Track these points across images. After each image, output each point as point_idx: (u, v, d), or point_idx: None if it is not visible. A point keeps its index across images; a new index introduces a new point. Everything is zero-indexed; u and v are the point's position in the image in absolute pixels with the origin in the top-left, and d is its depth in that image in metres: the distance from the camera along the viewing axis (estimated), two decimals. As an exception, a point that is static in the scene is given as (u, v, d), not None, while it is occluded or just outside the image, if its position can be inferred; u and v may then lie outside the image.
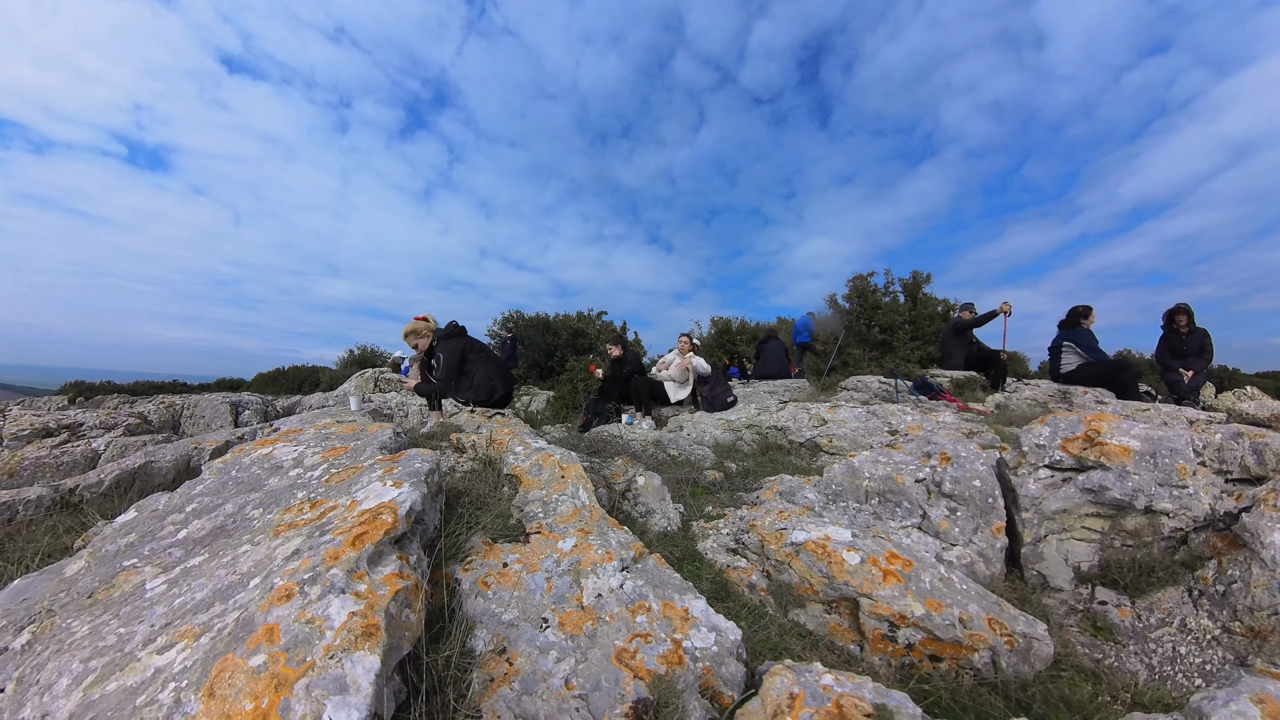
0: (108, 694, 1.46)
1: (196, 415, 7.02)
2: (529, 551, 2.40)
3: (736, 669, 1.94)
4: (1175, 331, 6.07)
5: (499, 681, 1.77)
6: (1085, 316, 6.26)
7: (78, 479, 3.68)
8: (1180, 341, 5.99)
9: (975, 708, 1.91)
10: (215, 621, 1.62)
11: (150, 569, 2.13)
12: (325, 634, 1.48)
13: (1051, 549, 2.85)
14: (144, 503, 2.73)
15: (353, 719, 1.29)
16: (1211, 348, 5.93)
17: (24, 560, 2.63)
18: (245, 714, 1.27)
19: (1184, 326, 5.97)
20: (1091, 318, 6.25)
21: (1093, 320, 6.26)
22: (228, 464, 2.96)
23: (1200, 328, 5.96)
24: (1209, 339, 5.93)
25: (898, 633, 2.22)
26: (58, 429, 6.36)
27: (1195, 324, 5.96)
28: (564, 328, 12.46)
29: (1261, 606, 2.26)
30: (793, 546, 2.64)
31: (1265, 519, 2.43)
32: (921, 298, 10.13)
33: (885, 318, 9.73)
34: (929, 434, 3.86)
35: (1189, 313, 5.98)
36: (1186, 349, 5.90)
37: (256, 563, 1.94)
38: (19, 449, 5.92)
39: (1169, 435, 2.96)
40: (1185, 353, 5.89)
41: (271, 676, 1.35)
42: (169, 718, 1.29)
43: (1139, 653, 2.38)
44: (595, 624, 2.02)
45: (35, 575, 2.30)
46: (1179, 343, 6.00)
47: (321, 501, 2.32)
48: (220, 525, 2.37)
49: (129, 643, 1.68)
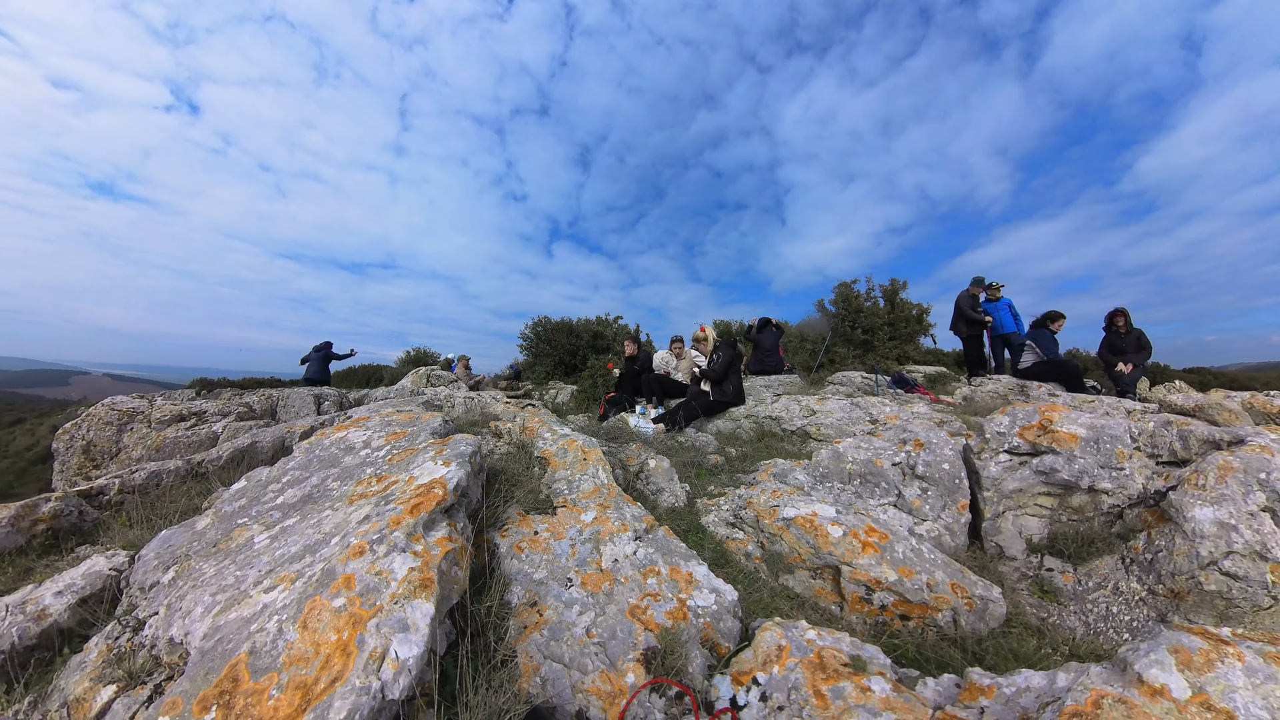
0: (229, 620, 1.57)
1: (288, 405, 7.31)
2: (556, 522, 2.44)
3: (733, 624, 1.96)
4: (1115, 331, 6.04)
5: (531, 629, 1.82)
6: (1054, 321, 6.20)
7: (203, 454, 3.89)
8: (1119, 340, 5.96)
9: (937, 659, 1.91)
10: (306, 570, 1.71)
11: (257, 526, 2.23)
12: (390, 584, 1.55)
13: (1008, 523, 2.84)
14: (251, 474, 2.86)
15: (414, 652, 1.36)
16: (1149, 345, 5.85)
17: (168, 516, 2.77)
18: (330, 644, 1.35)
19: (1122, 327, 5.95)
20: (1059, 324, 6.18)
21: (1060, 326, 6.18)
22: (313, 445, 3.06)
23: (1137, 328, 5.91)
24: (1145, 337, 5.87)
25: (873, 595, 2.23)
26: (188, 415, 6.73)
27: (1132, 325, 5.92)
28: (585, 330, 12.51)
29: (1182, 572, 2.25)
30: (784, 521, 2.63)
31: (1188, 496, 2.41)
32: (899, 302, 9.98)
33: (867, 320, 9.63)
34: (905, 423, 3.82)
35: (1126, 315, 5.96)
36: (1125, 346, 5.85)
37: (336, 525, 2.01)
38: (162, 430, 6.30)
39: (1110, 424, 2.93)
40: (1124, 350, 5.85)
41: (350, 615, 1.43)
42: (274, 642, 1.39)
43: (1078, 612, 2.37)
44: (612, 584, 2.05)
45: (176, 528, 2.44)
46: (1119, 341, 5.96)
47: (386, 477, 2.38)
48: (308, 494, 2.45)
49: (243, 583, 1.78)
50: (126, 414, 7.07)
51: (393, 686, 1.28)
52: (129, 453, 6.74)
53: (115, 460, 6.75)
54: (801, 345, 10.03)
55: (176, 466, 3.53)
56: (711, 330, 5.70)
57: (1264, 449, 2.49)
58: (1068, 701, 1.13)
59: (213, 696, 1.27)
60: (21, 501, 2.75)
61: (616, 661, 1.71)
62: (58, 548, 2.70)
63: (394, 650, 1.35)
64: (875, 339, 9.49)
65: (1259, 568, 2.13)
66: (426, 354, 15.23)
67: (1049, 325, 6.20)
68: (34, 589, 2.10)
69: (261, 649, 1.35)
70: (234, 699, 1.25)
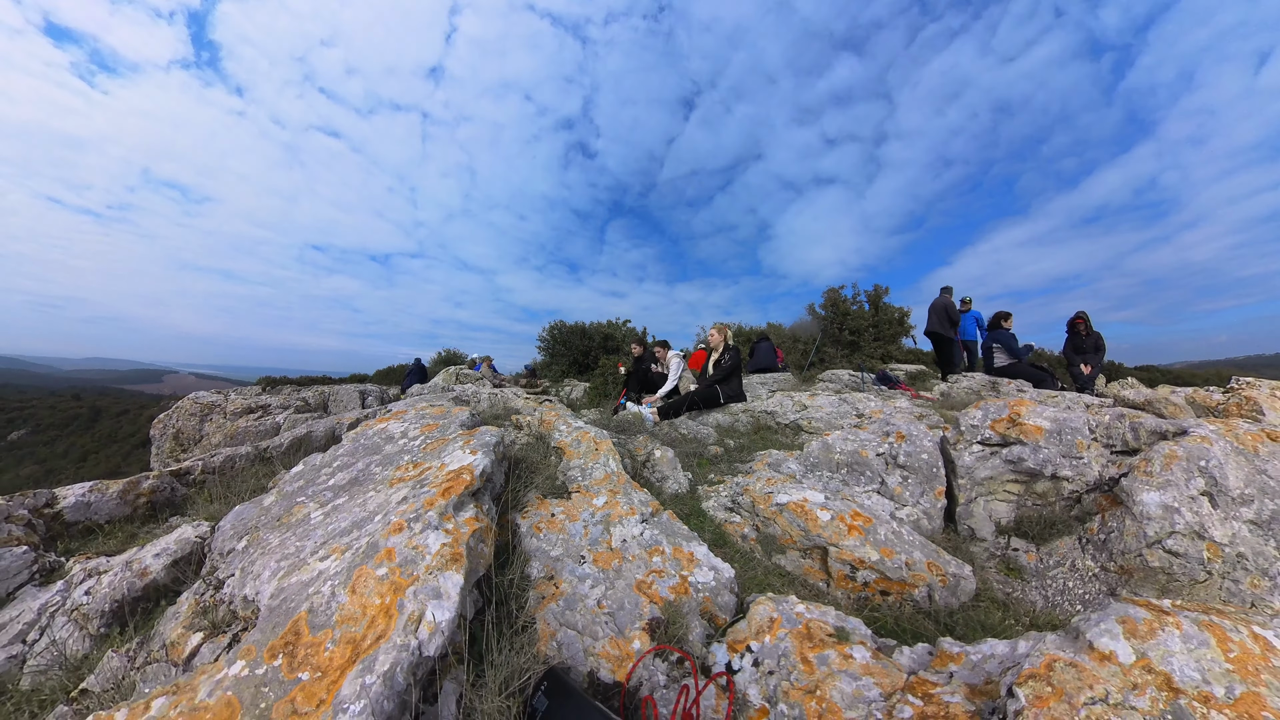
0: (291, 583, 1.63)
1: (338, 399, 7.64)
2: (571, 505, 2.45)
3: (729, 599, 1.96)
4: (1077, 333, 6.09)
5: (548, 599, 1.85)
6: (1006, 320, 6.21)
7: (268, 441, 4.04)
8: (1080, 341, 6.01)
9: (913, 630, 1.92)
10: (354, 543, 1.76)
11: (313, 504, 2.29)
12: (425, 557, 1.60)
13: (980, 508, 2.83)
14: (307, 459, 2.92)
15: (446, 616, 1.41)
16: (1105, 346, 5.92)
17: (241, 493, 2.93)
18: (375, 606, 1.41)
19: (1083, 330, 5.99)
20: (1009, 322, 6.20)
21: (1010, 323, 6.21)
22: (358, 434, 3.10)
23: (1096, 330, 5.95)
24: (1102, 339, 5.92)
25: (857, 573, 2.23)
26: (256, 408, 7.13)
27: (1092, 327, 5.96)
28: (597, 333, 12.56)
29: (1130, 550, 2.26)
30: (777, 506, 2.63)
31: (1138, 482, 2.41)
32: (882, 306, 9.94)
33: (853, 322, 9.58)
34: (888, 417, 3.80)
35: (1086, 318, 5.99)
36: (1085, 347, 5.92)
37: (379, 504, 2.05)
38: (235, 421, 6.72)
39: (1071, 417, 2.92)
40: (1084, 350, 5.91)
41: (391, 583, 1.48)
42: (328, 603, 1.45)
43: (1039, 587, 2.38)
44: (621, 561, 2.06)
45: (247, 504, 2.55)
46: (1080, 342, 6.02)
47: (420, 463, 2.41)
48: (354, 477, 2.50)
49: (302, 552, 1.85)
50: (207, 407, 7.48)
51: (428, 645, 1.33)
52: (209, 439, 7.14)
53: (198, 445, 7.17)
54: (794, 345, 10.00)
55: (247, 451, 3.68)
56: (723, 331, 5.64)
57: (1204, 439, 2.48)
58: (1025, 665, 1.15)
59: (279, 646, 1.33)
60: (127, 478, 2.95)
61: (624, 630, 1.73)
62: (155, 517, 2.88)
63: (429, 614, 1.39)
64: (861, 340, 9.46)
65: (1197, 546, 2.15)
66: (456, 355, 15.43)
67: (1003, 324, 6.24)
68: (138, 551, 2.27)
69: (318, 609, 1.41)
70: (296, 649, 1.31)
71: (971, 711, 1.19)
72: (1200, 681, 1.00)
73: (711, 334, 5.55)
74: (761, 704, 1.44)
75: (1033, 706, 1.03)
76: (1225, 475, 2.31)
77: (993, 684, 1.24)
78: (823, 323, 9.95)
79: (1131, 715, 0.96)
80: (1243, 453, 2.43)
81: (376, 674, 1.21)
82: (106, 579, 2.10)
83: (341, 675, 1.21)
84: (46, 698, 1.69)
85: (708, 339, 5.83)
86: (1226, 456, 2.37)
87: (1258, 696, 0.97)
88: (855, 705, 1.34)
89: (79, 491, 2.74)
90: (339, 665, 1.24)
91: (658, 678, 1.56)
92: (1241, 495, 2.27)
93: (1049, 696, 1.05)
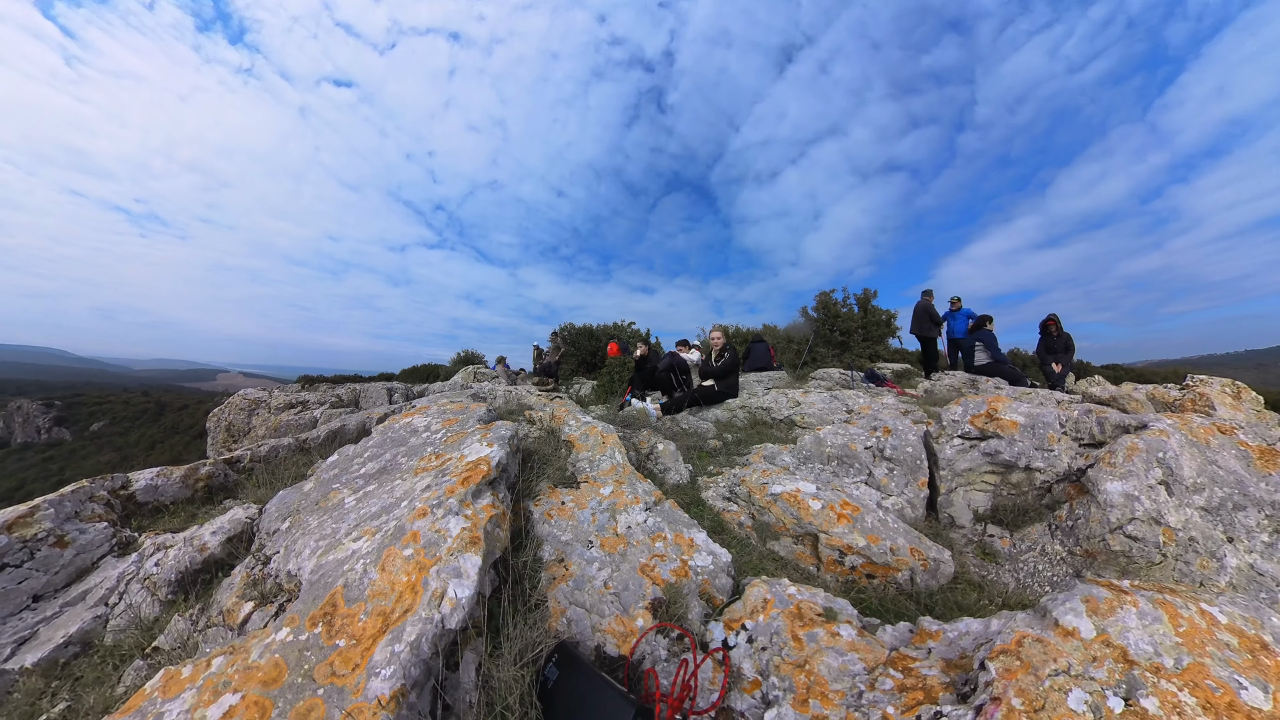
0: (328, 561, 1.68)
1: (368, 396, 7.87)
2: (580, 494, 2.47)
3: (726, 581, 1.98)
4: (1049, 334, 6.16)
5: (559, 580, 1.87)
6: (990, 322, 6.28)
7: (307, 434, 4.14)
8: (1052, 341, 6.08)
9: (896, 610, 1.94)
10: (383, 526, 1.79)
11: (346, 491, 2.32)
12: (447, 540, 1.63)
13: (959, 497, 2.84)
14: (341, 450, 2.97)
15: (466, 592, 1.44)
16: (1074, 346, 6.01)
17: (284, 480, 3.06)
18: (402, 583, 1.45)
19: (1054, 331, 6.06)
20: (991, 324, 6.26)
21: (992, 325, 6.27)
22: (386, 428, 3.13)
23: (1066, 332, 6.03)
24: (1072, 340, 5.99)
25: (845, 558, 2.25)
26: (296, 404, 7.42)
27: (1062, 329, 6.05)
28: (604, 334, 12.66)
29: (1095, 535, 2.28)
30: (772, 496, 2.64)
31: (1102, 473, 2.43)
32: (870, 308, 9.94)
33: (843, 324, 9.59)
34: (875, 413, 3.79)
35: (1058, 321, 6.07)
36: (1056, 347, 5.99)
37: (405, 491, 2.08)
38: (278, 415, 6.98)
39: (1044, 412, 2.93)
40: (1056, 350, 5.99)
41: (416, 563, 1.52)
42: (361, 579, 1.49)
43: (1012, 570, 2.40)
44: (626, 546, 2.08)
45: (289, 489, 2.64)
46: (1051, 342, 6.09)
47: (442, 454, 2.44)
48: (383, 466, 2.53)
49: (337, 534, 1.89)
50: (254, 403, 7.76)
51: (450, 619, 1.37)
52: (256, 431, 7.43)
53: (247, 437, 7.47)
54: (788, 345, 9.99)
55: (288, 443, 3.80)
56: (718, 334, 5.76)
57: (1162, 433, 2.49)
58: (997, 642, 1.17)
59: (319, 616, 1.38)
60: (187, 465, 3.12)
61: (629, 608, 1.75)
62: (211, 499, 3.01)
63: (451, 591, 1.43)
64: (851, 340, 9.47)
65: (1154, 531, 2.18)
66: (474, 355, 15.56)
67: (987, 325, 6.29)
68: (197, 529, 2.39)
69: (352, 584, 1.46)
70: (334, 619, 1.36)
71: (946, 683, 1.21)
72: (1153, 654, 1.02)
73: (713, 336, 5.67)
74: (754, 676, 1.47)
75: (1002, 678, 1.06)
76: (1180, 466, 2.33)
77: (967, 658, 1.26)
78: (815, 324, 9.97)
79: (1090, 685, 0.99)
80: (1196, 445, 2.46)
81: (404, 643, 1.25)
82: (172, 552, 2.24)
83: (374, 643, 1.25)
84: (126, 653, 1.86)
85: (708, 340, 5.92)
86: (1181, 449, 2.40)
87: (1202, 666, 0.99)
88: (841, 678, 1.37)
89: (148, 476, 2.90)
90: (371, 634, 1.28)
91: (659, 652, 1.59)
92: (1194, 484, 2.29)
93: (1017, 669, 1.07)
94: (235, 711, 1.15)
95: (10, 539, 2.17)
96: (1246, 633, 1.05)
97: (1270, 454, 2.46)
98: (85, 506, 2.50)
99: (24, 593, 2.10)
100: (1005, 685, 1.05)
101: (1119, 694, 0.97)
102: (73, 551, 2.28)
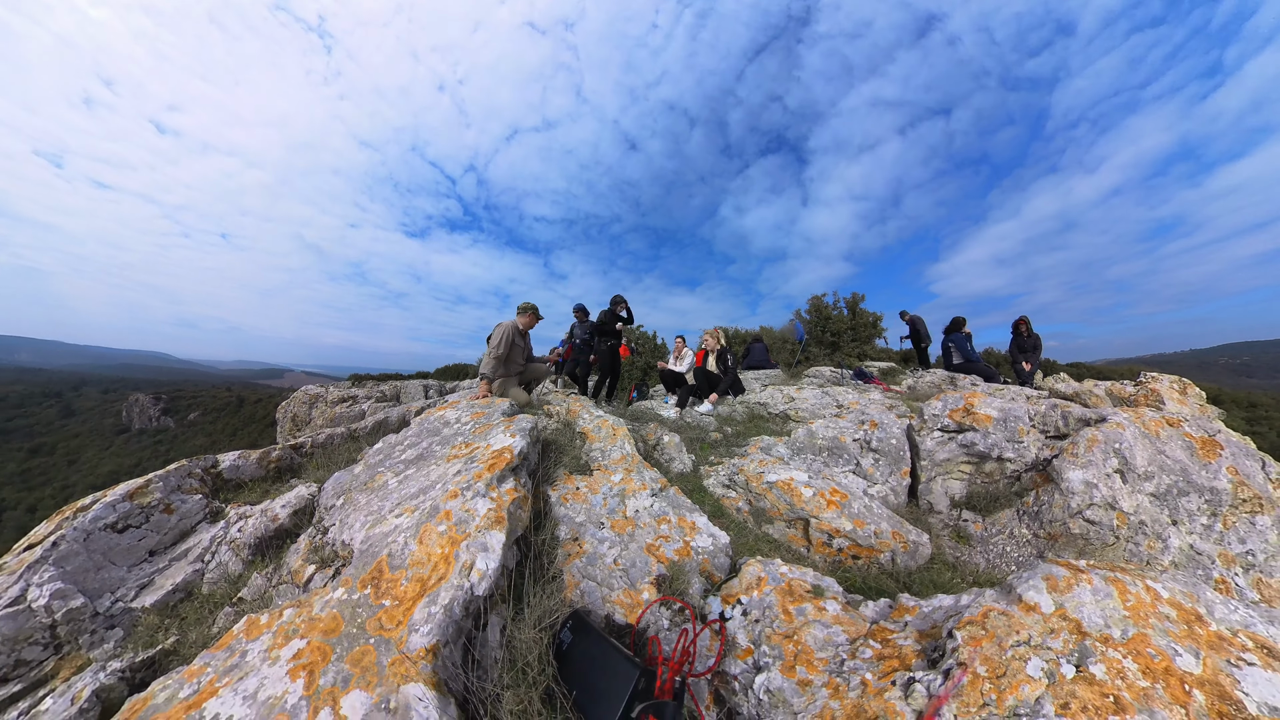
0: (375, 533, 1.76)
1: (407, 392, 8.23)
2: (592, 481, 2.51)
3: (724, 561, 1.99)
4: (1020, 335, 6.11)
5: (573, 556, 1.91)
6: (964, 325, 6.21)
7: (356, 424, 4.39)
8: (1023, 341, 6.03)
9: (877, 587, 1.94)
10: (420, 505, 1.87)
11: (389, 474, 2.41)
12: (475, 518, 1.69)
13: (938, 485, 2.83)
14: (386, 439, 3.11)
15: (492, 564, 1.50)
16: (1041, 346, 5.89)
17: (338, 463, 3.26)
18: (437, 555, 1.51)
19: (1025, 331, 6.02)
20: (966, 328, 6.20)
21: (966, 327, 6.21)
22: (423, 419, 3.23)
23: (1035, 333, 5.99)
24: (1040, 340, 5.91)
25: (833, 541, 2.25)
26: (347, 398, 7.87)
27: (1032, 330, 6.01)
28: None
29: (1058, 519, 2.28)
30: (768, 484, 2.65)
31: (1065, 462, 2.43)
32: (859, 311, 9.87)
33: (834, 325, 9.54)
34: (863, 408, 3.77)
35: (1028, 322, 6.02)
36: (1026, 346, 5.92)
37: (439, 475, 2.15)
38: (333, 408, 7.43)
39: (1015, 407, 2.92)
40: (1026, 349, 5.93)
41: (449, 538, 1.59)
42: (403, 550, 1.56)
43: (983, 551, 2.40)
44: (634, 528, 2.11)
45: (342, 471, 2.77)
46: (1022, 342, 6.04)
47: (471, 444, 2.50)
48: (420, 454, 2.61)
49: (382, 510, 1.97)
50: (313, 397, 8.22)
51: (478, 587, 1.43)
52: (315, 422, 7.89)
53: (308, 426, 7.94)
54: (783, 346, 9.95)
55: (341, 431, 4.02)
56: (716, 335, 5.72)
57: (1118, 425, 2.49)
58: (965, 614, 1.19)
59: (368, 579, 1.46)
60: (262, 449, 3.37)
61: (636, 583, 1.78)
62: (280, 478, 3.22)
63: (478, 563, 1.49)
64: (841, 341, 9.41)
65: (1109, 515, 2.18)
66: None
67: (963, 328, 6.24)
68: (270, 502, 2.60)
69: (395, 553, 1.53)
70: (380, 582, 1.44)
71: (918, 650, 1.23)
72: (1103, 626, 1.03)
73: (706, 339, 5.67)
74: (748, 645, 1.49)
75: (967, 645, 1.08)
76: (1134, 455, 2.33)
77: (937, 629, 1.28)
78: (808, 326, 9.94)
79: (1047, 654, 1.00)
80: (1147, 436, 2.46)
81: (439, 605, 1.32)
82: (250, 521, 2.44)
83: (414, 605, 1.32)
84: (217, 601, 2.09)
85: (703, 342, 5.92)
86: (1135, 440, 2.40)
87: (1145, 636, 1.00)
88: (825, 648, 1.39)
89: (231, 458, 3.14)
90: (411, 597, 1.35)
91: (662, 622, 1.63)
92: (1145, 472, 2.30)
93: (982, 638, 1.09)
94: (302, 654, 1.24)
95: (131, 505, 2.40)
96: (1184, 606, 1.06)
97: (1211, 444, 2.47)
98: (185, 481, 2.72)
99: (143, 549, 2.31)
100: (971, 653, 1.07)
101: (1072, 661, 0.98)
102: (177, 517, 2.50)
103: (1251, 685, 0.92)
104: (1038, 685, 0.96)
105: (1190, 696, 0.90)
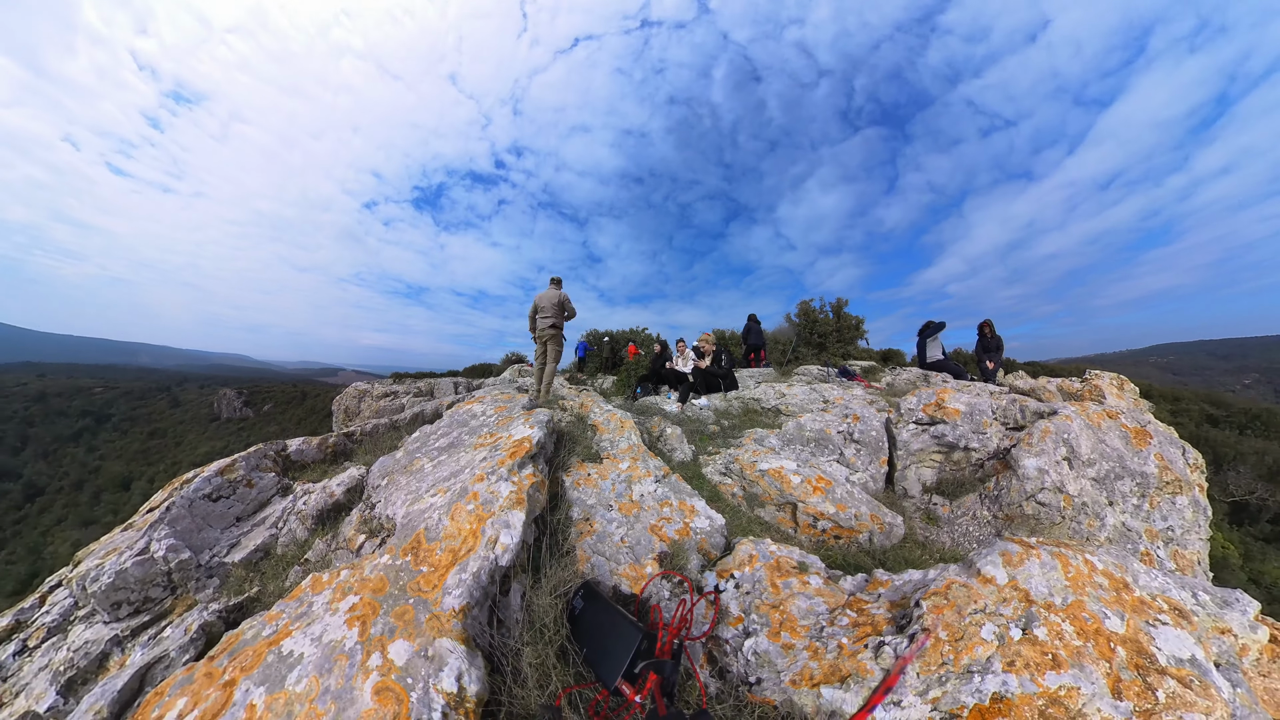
0: (414, 510, 1.83)
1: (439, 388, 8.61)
2: (602, 468, 2.55)
3: (720, 540, 2.02)
4: (985, 336, 6.09)
5: (584, 535, 1.95)
6: (941, 328, 6.16)
7: (397, 416, 4.57)
8: (987, 342, 6.03)
9: (856, 564, 1.96)
10: (451, 486, 1.94)
11: (425, 459, 2.51)
12: (499, 499, 1.75)
13: (911, 473, 2.85)
14: (422, 429, 3.26)
15: (513, 540, 1.56)
16: (1003, 346, 5.94)
17: (382, 449, 3.46)
18: (465, 530, 1.58)
19: (989, 333, 5.98)
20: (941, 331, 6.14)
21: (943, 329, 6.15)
22: (453, 412, 3.36)
23: (998, 334, 5.89)
24: (1002, 341, 5.97)
25: (818, 523, 2.27)
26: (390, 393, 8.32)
27: (995, 332, 5.88)
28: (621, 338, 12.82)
29: (1014, 502, 2.31)
30: (760, 472, 2.66)
31: (1022, 451, 2.47)
32: (843, 315, 9.89)
33: (821, 328, 9.56)
34: (847, 403, 3.76)
35: (991, 325, 5.98)
36: (990, 347, 5.85)
37: (467, 461, 2.23)
38: (377, 401, 7.85)
39: (980, 402, 2.94)
40: (990, 349, 5.86)
41: (477, 516, 1.65)
42: (437, 525, 1.63)
43: (949, 532, 2.42)
44: (639, 510, 2.15)
45: (385, 457, 2.91)
46: (986, 343, 6.03)
47: (495, 434, 2.58)
48: (451, 442, 2.71)
49: (419, 490, 2.06)
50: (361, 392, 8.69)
51: (501, 558, 1.49)
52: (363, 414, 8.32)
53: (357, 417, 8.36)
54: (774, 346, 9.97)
55: (384, 422, 4.20)
56: (710, 340, 5.78)
57: (1067, 417, 2.53)
58: (931, 587, 1.22)
59: (409, 549, 1.54)
60: (320, 436, 3.61)
61: (640, 559, 1.82)
62: (336, 461, 3.44)
63: (502, 538, 1.55)
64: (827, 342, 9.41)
65: (1058, 498, 2.23)
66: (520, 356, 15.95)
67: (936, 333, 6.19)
68: (328, 481, 2.79)
69: (431, 527, 1.60)
70: (419, 552, 1.51)
71: (890, 618, 1.27)
72: (1048, 594, 1.06)
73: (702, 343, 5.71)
74: (739, 614, 1.53)
75: (930, 612, 1.11)
76: (1079, 444, 2.38)
77: (906, 600, 1.31)
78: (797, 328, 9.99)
79: (999, 619, 1.03)
80: (1090, 427, 2.51)
81: (469, 573, 1.39)
82: (313, 497, 2.63)
83: (447, 571, 1.40)
84: (289, 561, 2.28)
85: (699, 345, 5.97)
86: (1081, 430, 2.44)
87: (1081, 602, 1.04)
88: (808, 616, 1.42)
89: (296, 443, 3.40)
90: (445, 565, 1.42)
91: (663, 593, 1.67)
92: (1088, 459, 2.35)
93: (944, 607, 1.12)
94: (356, 607, 1.33)
95: (222, 480, 2.66)
96: (1115, 575, 1.09)
97: (1142, 434, 2.53)
98: (262, 461, 2.97)
99: (231, 516, 2.55)
100: (935, 619, 1.10)
101: (1019, 625, 1.01)
102: (256, 491, 2.73)
103: (1164, 641, 0.96)
104: (989, 646, 0.99)
105: (1114, 652, 0.94)
